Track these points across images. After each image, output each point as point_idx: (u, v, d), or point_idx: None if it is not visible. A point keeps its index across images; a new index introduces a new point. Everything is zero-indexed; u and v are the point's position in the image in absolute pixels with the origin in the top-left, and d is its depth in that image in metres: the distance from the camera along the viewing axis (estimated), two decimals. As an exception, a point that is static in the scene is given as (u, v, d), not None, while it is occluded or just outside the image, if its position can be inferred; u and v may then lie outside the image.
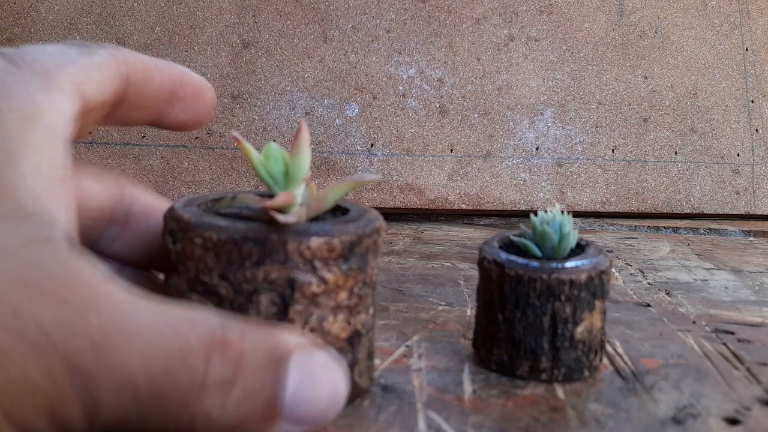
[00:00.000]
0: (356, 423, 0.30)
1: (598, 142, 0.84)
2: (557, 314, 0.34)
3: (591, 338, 0.35)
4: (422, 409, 0.31)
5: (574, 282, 0.34)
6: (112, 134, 0.78)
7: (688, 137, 0.85)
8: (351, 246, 0.30)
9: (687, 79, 0.86)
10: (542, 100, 0.84)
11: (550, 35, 0.84)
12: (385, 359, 0.37)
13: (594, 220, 0.84)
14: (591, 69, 0.84)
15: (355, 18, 0.82)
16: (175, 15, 0.79)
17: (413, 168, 0.81)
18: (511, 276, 0.35)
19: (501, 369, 0.36)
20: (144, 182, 0.77)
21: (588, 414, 0.31)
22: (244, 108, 0.80)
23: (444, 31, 0.83)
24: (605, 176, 0.84)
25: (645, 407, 0.32)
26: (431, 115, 0.82)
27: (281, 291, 0.29)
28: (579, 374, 0.35)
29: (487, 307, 0.36)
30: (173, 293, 0.31)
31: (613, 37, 0.85)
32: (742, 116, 0.86)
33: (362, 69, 0.81)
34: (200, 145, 0.79)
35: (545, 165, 0.83)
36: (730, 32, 0.87)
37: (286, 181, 0.32)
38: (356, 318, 0.31)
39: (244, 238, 0.29)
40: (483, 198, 0.82)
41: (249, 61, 0.80)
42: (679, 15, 0.86)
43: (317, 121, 0.80)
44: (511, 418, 0.31)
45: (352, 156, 0.81)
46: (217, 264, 0.29)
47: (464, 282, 0.54)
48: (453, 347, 0.39)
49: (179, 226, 0.30)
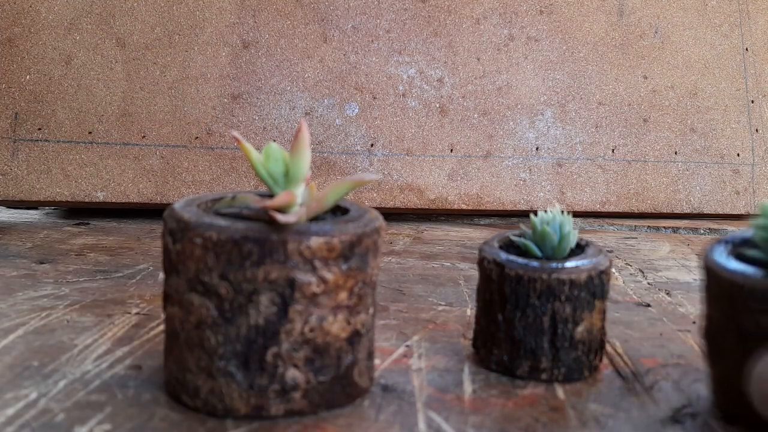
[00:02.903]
0: (356, 423, 0.30)
1: (598, 142, 0.84)
2: (557, 314, 0.34)
3: (591, 338, 0.35)
4: (422, 409, 0.31)
5: (574, 282, 0.34)
6: (112, 134, 0.78)
7: (688, 137, 0.85)
8: (351, 246, 0.30)
9: (687, 79, 0.86)
10: (542, 100, 0.84)
11: (550, 35, 0.84)
12: (385, 359, 0.37)
13: (594, 220, 0.84)
14: (591, 69, 0.84)
15: (355, 18, 0.82)
16: (176, 15, 0.79)
17: (413, 168, 0.81)
18: (511, 276, 0.35)
19: (501, 369, 0.36)
20: (144, 182, 0.77)
21: (588, 414, 0.31)
22: (244, 108, 0.80)
23: (444, 31, 0.83)
24: (605, 176, 0.84)
25: (645, 407, 0.32)
26: (431, 115, 0.82)
27: (281, 291, 0.29)
28: (579, 374, 0.35)
29: (487, 307, 0.36)
30: (173, 293, 0.31)
31: (613, 37, 0.85)
32: (742, 116, 0.86)
33: (362, 69, 0.81)
34: (200, 145, 0.79)
35: (545, 165, 0.83)
36: (730, 32, 0.87)
37: (286, 181, 0.32)
38: (356, 318, 0.31)
39: (244, 237, 0.29)
40: (483, 198, 0.82)
41: (249, 61, 0.80)
42: (679, 15, 0.86)
43: (317, 121, 0.80)
44: (511, 417, 0.31)
45: (352, 156, 0.81)
46: (217, 264, 0.29)
47: (464, 282, 0.54)
48: (453, 347, 0.39)
49: (179, 226, 0.30)
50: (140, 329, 0.41)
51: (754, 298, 0.27)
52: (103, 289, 0.50)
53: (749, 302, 0.28)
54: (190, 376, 0.31)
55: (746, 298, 0.27)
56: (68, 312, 0.44)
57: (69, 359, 0.36)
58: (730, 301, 0.29)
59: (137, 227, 0.74)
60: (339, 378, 0.31)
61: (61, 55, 0.77)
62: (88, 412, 0.30)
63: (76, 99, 0.77)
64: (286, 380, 0.30)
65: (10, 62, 0.77)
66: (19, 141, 0.76)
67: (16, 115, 0.76)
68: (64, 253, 0.61)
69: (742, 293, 0.28)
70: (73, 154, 0.77)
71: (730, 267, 0.29)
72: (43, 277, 0.52)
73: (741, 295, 0.28)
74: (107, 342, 0.39)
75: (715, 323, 0.30)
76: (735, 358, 0.29)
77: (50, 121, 0.77)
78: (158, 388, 0.33)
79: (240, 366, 0.30)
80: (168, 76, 0.79)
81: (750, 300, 0.27)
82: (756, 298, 0.27)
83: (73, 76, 0.77)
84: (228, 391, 0.30)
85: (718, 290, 0.30)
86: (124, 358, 0.36)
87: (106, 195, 0.77)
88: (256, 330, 0.30)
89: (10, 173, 0.76)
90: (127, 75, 0.78)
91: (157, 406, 0.31)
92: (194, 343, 0.30)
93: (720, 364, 0.30)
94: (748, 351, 0.28)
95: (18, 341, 0.39)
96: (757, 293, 0.27)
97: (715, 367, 0.31)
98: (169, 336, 0.32)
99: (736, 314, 0.28)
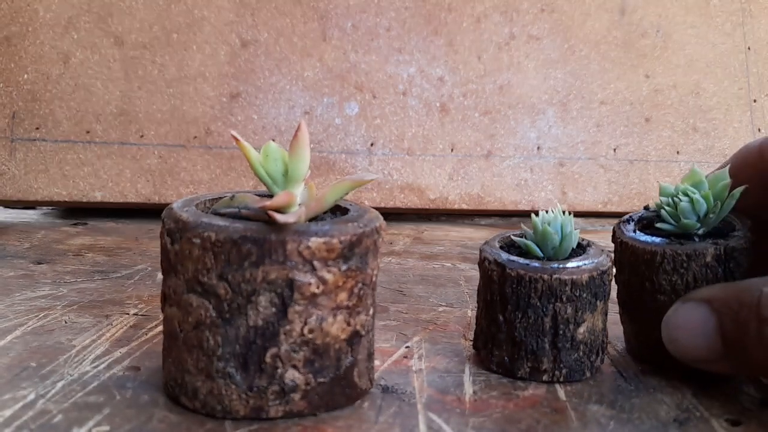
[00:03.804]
0: (356, 424, 0.30)
1: (600, 141, 0.84)
2: (558, 315, 0.34)
3: (592, 339, 0.35)
4: (422, 411, 0.31)
5: (576, 282, 0.34)
6: (110, 134, 0.77)
7: (690, 137, 0.85)
8: (351, 246, 0.30)
9: (689, 78, 0.85)
10: (544, 99, 0.83)
11: (552, 34, 0.84)
12: (385, 360, 0.37)
13: (596, 220, 0.84)
14: (593, 68, 0.84)
15: (354, 16, 0.81)
16: (174, 13, 0.79)
17: (413, 168, 0.81)
18: (512, 276, 0.34)
19: (502, 370, 0.35)
20: (142, 182, 0.77)
21: (589, 415, 0.31)
22: (243, 107, 0.79)
23: (444, 29, 0.82)
24: (607, 176, 0.83)
25: (646, 408, 0.32)
26: (432, 114, 0.82)
27: (280, 291, 0.29)
28: (580, 375, 0.35)
29: (488, 307, 0.36)
30: (171, 294, 0.31)
31: (614, 35, 0.85)
32: (745, 116, 0.86)
33: (362, 68, 0.81)
34: (199, 145, 0.78)
35: (547, 164, 0.83)
36: (732, 31, 0.86)
37: (286, 180, 0.32)
38: (356, 318, 0.31)
39: (243, 238, 0.29)
40: (484, 198, 0.81)
41: (248, 60, 0.80)
42: (681, 14, 0.86)
43: (317, 120, 0.80)
44: (512, 419, 0.31)
45: (352, 156, 0.80)
46: (215, 264, 0.29)
47: (465, 282, 0.54)
48: (453, 348, 0.39)
49: (177, 226, 0.30)
50: (138, 330, 0.41)
51: (667, 262, 0.35)
52: (101, 290, 0.49)
53: (663, 265, 0.35)
54: (189, 378, 0.30)
55: (660, 263, 0.35)
56: (66, 312, 0.44)
57: (67, 360, 0.36)
58: (647, 266, 0.35)
59: (135, 227, 0.74)
60: (339, 379, 0.31)
61: (59, 54, 0.77)
62: (86, 414, 0.30)
63: (74, 98, 0.77)
64: (286, 381, 0.30)
65: (7, 61, 0.76)
66: (17, 140, 0.76)
67: (13, 114, 0.76)
68: (61, 254, 0.61)
69: (656, 259, 0.35)
70: (71, 153, 0.77)
71: (642, 239, 0.36)
72: (41, 278, 0.52)
73: (654, 261, 0.35)
74: (105, 343, 0.39)
75: (631, 287, 0.37)
76: (649, 313, 0.36)
77: (48, 120, 0.77)
78: (157, 390, 0.33)
79: (239, 367, 0.30)
80: (166, 75, 0.78)
81: (663, 263, 0.35)
82: (668, 262, 0.35)
83: (70, 75, 0.77)
84: (227, 392, 0.30)
85: (633, 259, 0.36)
86: (123, 359, 0.36)
87: (104, 195, 0.77)
88: (255, 331, 0.29)
89: (8, 173, 0.76)
90: (125, 74, 0.78)
91: (155, 408, 0.31)
92: (193, 344, 0.30)
93: (636, 321, 0.37)
94: (660, 305, 0.35)
95: (16, 342, 0.38)
96: (668, 257, 0.34)
97: (632, 324, 0.38)
98: (167, 337, 0.32)
99: (652, 276, 0.35)
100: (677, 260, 0.34)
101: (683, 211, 0.35)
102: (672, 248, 0.35)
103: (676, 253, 0.34)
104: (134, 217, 0.79)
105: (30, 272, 0.54)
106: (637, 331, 0.38)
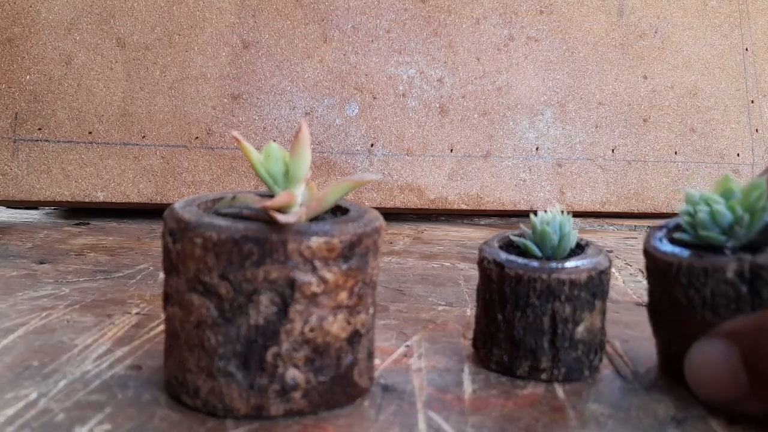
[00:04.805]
0: (356, 423, 0.30)
1: (598, 142, 0.84)
2: (557, 314, 0.34)
3: (591, 338, 0.35)
4: (422, 409, 0.31)
5: (574, 282, 0.34)
6: (113, 134, 0.78)
7: (688, 137, 0.85)
8: (351, 246, 0.30)
9: (687, 79, 0.86)
10: (542, 100, 0.84)
11: (550, 35, 0.84)
12: (385, 359, 0.37)
13: (594, 220, 0.84)
14: (591, 69, 0.84)
15: (355, 18, 0.82)
16: (176, 15, 0.79)
17: (413, 168, 0.81)
18: (511, 276, 0.35)
19: (501, 369, 0.36)
20: (144, 182, 0.77)
21: (588, 414, 0.31)
22: (244, 108, 0.80)
23: (444, 31, 0.83)
24: (605, 176, 0.84)
25: (645, 407, 0.32)
26: (431, 115, 0.82)
27: (281, 291, 0.29)
28: (579, 374, 0.35)
29: (487, 307, 0.36)
30: (173, 293, 0.31)
31: (613, 37, 0.85)
32: (742, 116, 0.86)
33: (362, 69, 0.81)
34: (200, 145, 0.79)
35: (545, 165, 0.83)
36: (730, 32, 0.87)
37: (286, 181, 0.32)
38: (356, 318, 0.31)
39: (244, 237, 0.29)
40: (483, 198, 0.82)
41: (249, 61, 0.80)
42: (679, 15, 0.86)
43: (317, 121, 0.80)
44: (511, 418, 0.31)
45: (352, 156, 0.81)
46: (217, 264, 0.29)
47: (464, 282, 0.54)
48: (453, 347, 0.39)
49: (179, 226, 0.30)
50: (140, 329, 0.41)
51: (682, 274, 0.32)
52: (103, 289, 0.50)
53: (679, 278, 0.32)
54: (190, 376, 0.31)
55: (675, 275, 0.33)
56: (68, 312, 0.44)
57: (69, 359, 0.36)
58: (664, 277, 0.33)
59: (137, 227, 0.74)
60: (339, 378, 0.31)
61: (61, 55, 0.77)
62: (88, 412, 0.30)
63: (76, 99, 0.77)
64: (286, 380, 0.30)
65: (10, 62, 0.77)
66: (19, 141, 0.76)
67: (16, 115, 0.76)
68: (64, 253, 0.61)
69: (672, 271, 0.33)
70: (73, 154, 0.77)
71: (662, 249, 0.34)
72: (43, 277, 0.52)
73: (671, 273, 0.33)
74: (107, 342, 0.39)
75: (653, 298, 0.35)
76: (670, 326, 0.34)
77: (50, 121, 0.77)
78: (158, 388, 0.33)
79: (240, 366, 0.30)
80: (168, 76, 0.79)
81: (679, 276, 0.32)
82: (684, 275, 0.32)
83: (73, 76, 0.77)
84: (228, 391, 0.30)
85: (655, 269, 0.34)
86: (124, 358, 0.36)
87: (106, 195, 0.77)
88: (256, 330, 0.30)
89: (10, 173, 0.76)
90: (127, 75, 0.78)
91: (157, 406, 0.31)
92: (194, 343, 0.30)
93: (660, 333, 0.36)
94: (679, 321, 0.33)
95: (18, 341, 0.39)
96: (684, 270, 0.32)
97: (657, 336, 0.36)
98: (169, 336, 0.32)
99: (670, 289, 0.33)
100: (693, 274, 0.32)
101: (701, 222, 0.33)
102: (689, 261, 0.32)
103: (692, 266, 0.32)
104: (136, 217, 0.79)
105: (32, 272, 0.54)
106: (659, 342, 0.36)
